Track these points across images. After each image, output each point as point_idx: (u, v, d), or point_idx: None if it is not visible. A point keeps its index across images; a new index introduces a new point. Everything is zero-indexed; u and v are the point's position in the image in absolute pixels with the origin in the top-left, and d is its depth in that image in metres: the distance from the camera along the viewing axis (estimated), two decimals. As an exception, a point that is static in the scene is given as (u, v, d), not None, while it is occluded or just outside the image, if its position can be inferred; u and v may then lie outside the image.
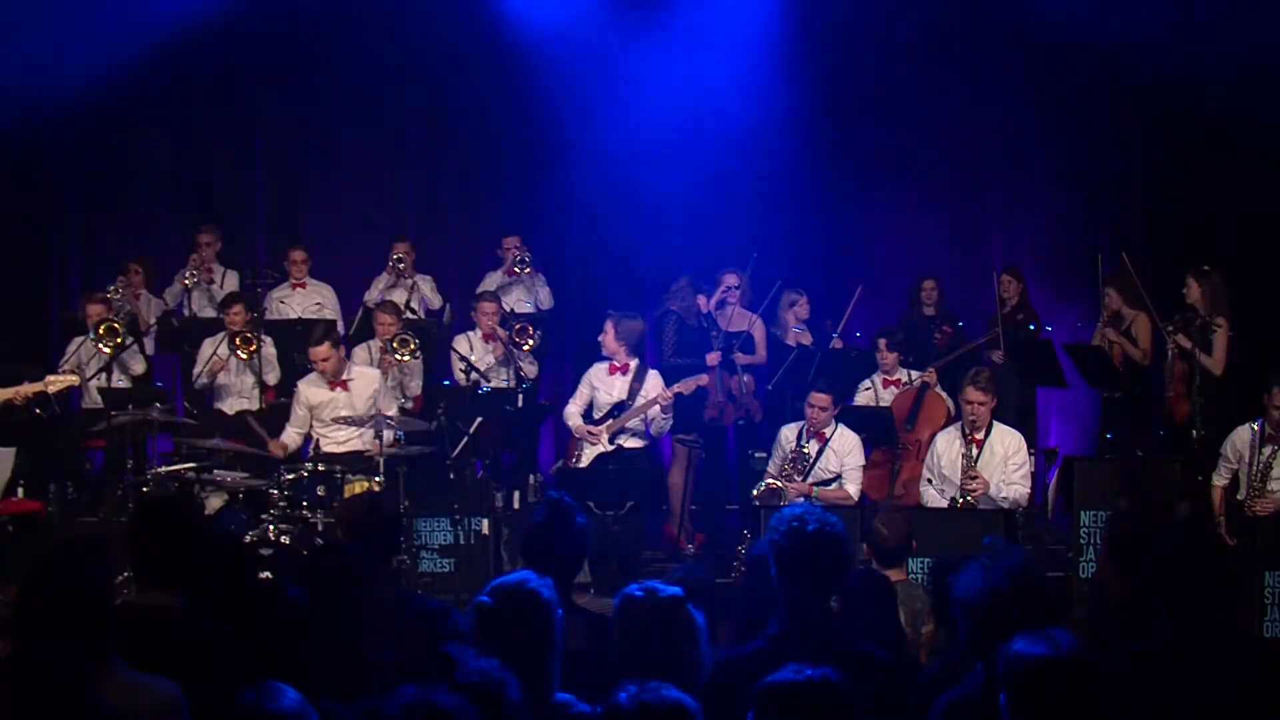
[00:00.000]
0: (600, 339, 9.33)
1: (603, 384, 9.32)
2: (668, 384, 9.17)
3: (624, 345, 9.21)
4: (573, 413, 9.33)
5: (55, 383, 8.89)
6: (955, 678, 4.23)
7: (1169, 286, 10.01)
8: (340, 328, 11.00)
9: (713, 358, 9.94)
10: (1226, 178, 10.79)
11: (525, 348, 10.21)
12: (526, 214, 11.86)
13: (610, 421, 9.12)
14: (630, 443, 9.17)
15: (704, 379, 9.29)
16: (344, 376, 8.97)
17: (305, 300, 11.20)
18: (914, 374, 9.67)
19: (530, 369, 10.41)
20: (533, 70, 11.43)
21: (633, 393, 9.18)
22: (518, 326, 10.28)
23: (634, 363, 9.24)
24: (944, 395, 9.59)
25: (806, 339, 10.41)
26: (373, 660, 4.33)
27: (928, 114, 11.79)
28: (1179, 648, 4.11)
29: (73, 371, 9.53)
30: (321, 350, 8.83)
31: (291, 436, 8.99)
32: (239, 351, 9.93)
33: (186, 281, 11.04)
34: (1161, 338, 9.98)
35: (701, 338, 10.05)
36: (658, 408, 9.05)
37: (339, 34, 11.80)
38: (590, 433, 9.13)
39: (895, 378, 9.66)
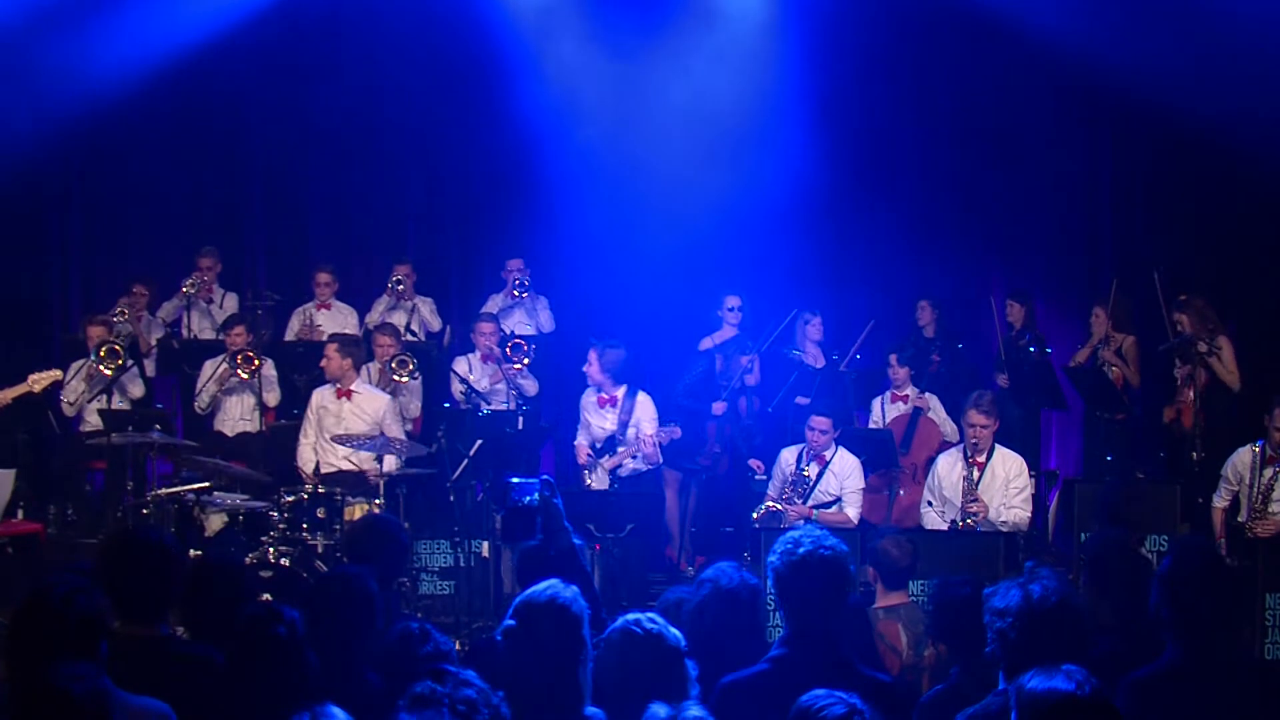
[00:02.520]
0: (585, 369, 9.33)
1: (594, 416, 9.34)
2: (678, 424, 9.23)
3: (608, 376, 9.23)
4: (581, 444, 9.38)
5: (40, 380, 8.86)
6: (957, 700, 4.22)
7: (1170, 307, 10.05)
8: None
9: (718, 407, 9.96)
10: (1226, 197, 10.81)
11: (516, 366, 10.19)
12: (528, 236, 11.87)
13: (608, 458, 9.13)
14: (637, 467, 9.19)
15: (677, 432, 9.26)
16: (351, 387, 9.24)
17: (330, 323, 11.23)
18: (924, 393, 9.71)
19: (531, 386, 10.39)
20: (536, 92, 11.44)
21: (622, 424, 9.19)
22: (511, 344, 10.28)
23: (621, 391, 9.25)
24: (937, 420, 9.61)
25: (812, 360, 10.42)
26: (371, 683, 4.32)
27: (928, 132, 11.82)
28: (1190, 674, 4.10)
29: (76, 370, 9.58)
30: (329, 349, 9.32)
31: (306, 452, 9.10)
32: (240, 370, 9.94)
33: (186, 289, 11.05)
34: (1148, 359, 10.03)
35: (714, 387, 10.11)
36: (642, 454, 9.07)
37: (338, 58, 11.84)
38: (587, 458, 9.18)
39: (904, 393, 9.70)
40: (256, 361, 9.96)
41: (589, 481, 9.18)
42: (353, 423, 9.12)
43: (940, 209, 11.95)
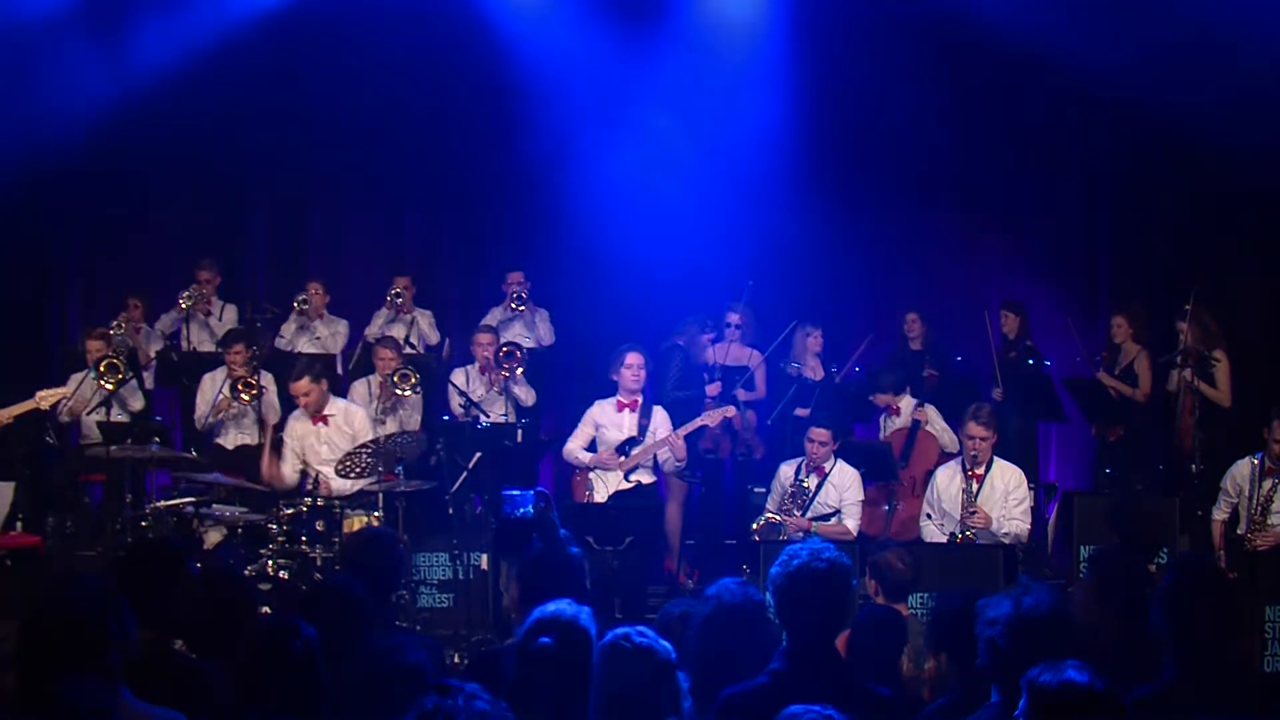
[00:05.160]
0: (625, 373, 9.11)
1: (610, 421, 9.15)
2: (672, 417, 9.19)
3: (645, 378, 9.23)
4: (576, 448, 9.21)
5: (47, 397, 8.85)
6: (958, 714, 4.22)
7: (1167, 319, 10.07)
8: (338, 364, 11.06)
9: (713, 388, 9.94)
10: (1225, 212, 10.83)
11: (504, 373, 10.16)
12: (526, 249, 11.88)
13: (623, 459, 9.05)
14: (645, 478, 9.15)
15: (730, 410, 9.25)
16: (326, 412, 8.93)
17: (324, 331, 11.30)
18: (922, 405, 9.73)
19: (526, 395, 10.36)
20: (534, 104, 11.47)
21: (642, 428, 9.12)
22: (504, 350, 10.25)
23: (640, 398, 9.22)
24: (936, 433, 9.62)
25: (810, 372, 10.43)
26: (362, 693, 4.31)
27: (925, 142, 11.83)
28: (1188, 692, 4.09)
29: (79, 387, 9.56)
30: (301, 385, 8.83)
31: (287, 473, 8.98)
32: (241, 395, 9.90)
33: (183, 303, 11.05)
34: (1160, 374, 10.03)
35: (702, 374, 10.10)
36: (672, 454, 9.03)
37: (338, 69, 11.85)
38: (613, 461, 9.06)
39: (897, 406, 9.76)
40: (256, 389, 9.90)
41: (593, 496, 9.10)
42: (337, 443, 8.88)
43: (936, 221, 11.98)
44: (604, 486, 9.06)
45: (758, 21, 11.43)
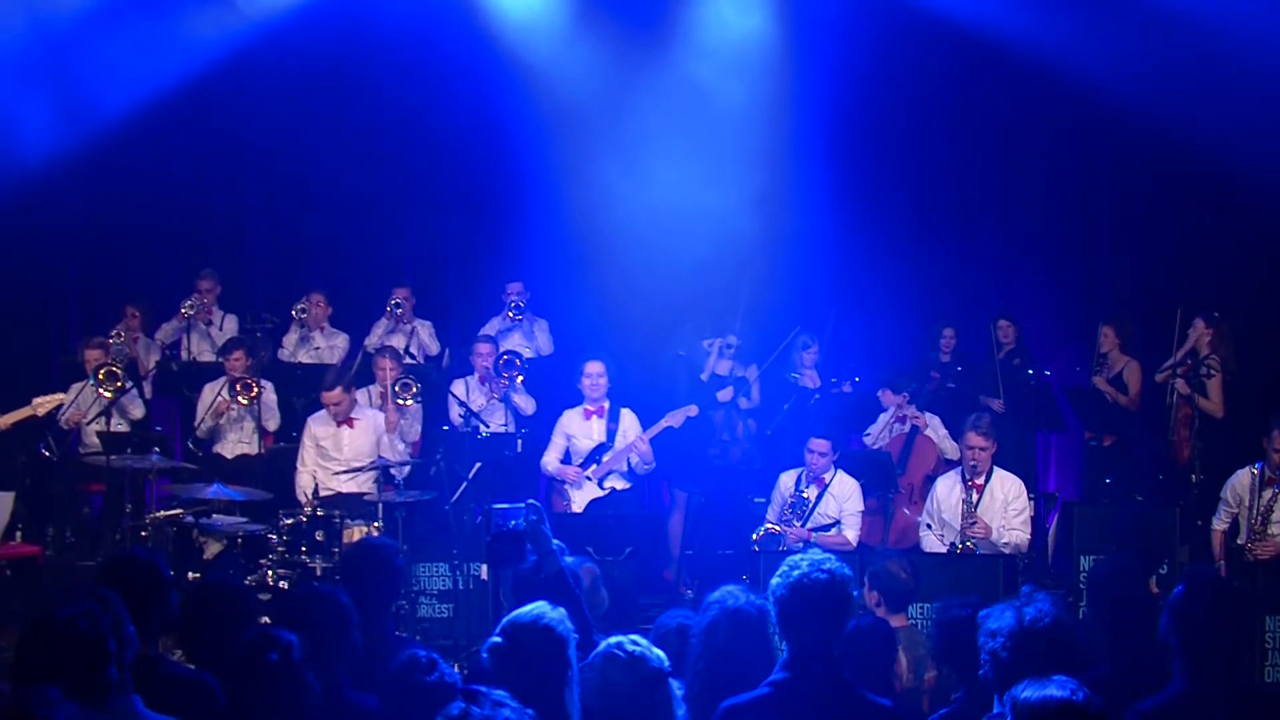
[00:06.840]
0: (585, 382, 9.33)
1: (579, 430, 9.38)
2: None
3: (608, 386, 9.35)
4: (552, 459, 9.44)
5: (44, 404, 8.86)
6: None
7: (1162, 331, 10.07)
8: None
9: (725, 394, 9.98)
10: (1223, 222, 10.84)
11: (504, 381, 10.18)
12: (526, 259, 11.88)
13: (594, 467, 9.16)
14: (618, 484, 9.24)
15: (692, 410, 9.32)
16: (351, 415, 9.28)
17: (322, 343, 11.31)
18: (922, 413, 9.73)
19: (526, 404, 10.38)
20: (535, 114, 11.48)
21: (610, 433, 9.25)
22: (504, 359, 10.27)
23: (607, 404, 9.34)
24: (934, 439, 9.62)
25: (810, 382, 10.44)
26: (352, 702, 4.32)
27: (927, 158, 11.86)
28: (1198, 703, 4.08)
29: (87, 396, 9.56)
30: (334, 395, 9.21)
31: (305, 480, 9.05)
32: (239, 397, 9.92)
33: (186, 311, 11.06)
34: (1151, 383, 10.04)
35: (706, 384, 10.12)
36: (638, 457, 9.12)
37: (338, 80, 11.87)
38: (576, 475, 9.19)
39: (903, 413, 9.77)
40: (255, 389, 9.92)
41: (571, 502, 9.18)
42: (356, 446, 9.14)
43: (938, 233, 11.99)
44: (580, 496, 9.24)
45: (766, 37, 11.42)
